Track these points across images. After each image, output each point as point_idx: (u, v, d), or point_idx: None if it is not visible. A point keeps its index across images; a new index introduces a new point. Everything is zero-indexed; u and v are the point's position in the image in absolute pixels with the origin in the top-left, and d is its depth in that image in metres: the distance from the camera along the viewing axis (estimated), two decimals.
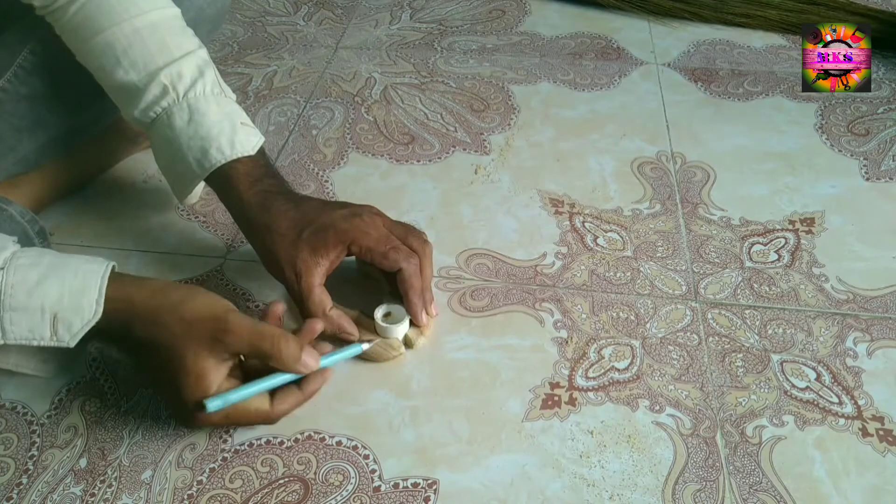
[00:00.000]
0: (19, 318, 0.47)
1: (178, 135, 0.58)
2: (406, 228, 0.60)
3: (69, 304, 0.47)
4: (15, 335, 0.47)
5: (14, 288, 0.46)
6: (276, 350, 0.49)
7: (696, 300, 0.65)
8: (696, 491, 0.51)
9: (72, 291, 0.47)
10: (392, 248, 0.57)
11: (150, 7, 0.59)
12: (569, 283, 0.66)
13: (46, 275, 0.47)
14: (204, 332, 0.48)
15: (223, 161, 0.57)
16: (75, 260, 0.49)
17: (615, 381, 0.58)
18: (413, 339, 0.60)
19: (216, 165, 0.57)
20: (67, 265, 0.48)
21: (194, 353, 0.48)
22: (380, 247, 0.57)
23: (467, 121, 0.87)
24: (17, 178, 0.68)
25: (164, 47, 0.58)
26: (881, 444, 0.54)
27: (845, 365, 0.59)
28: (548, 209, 0.74)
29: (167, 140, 0.59)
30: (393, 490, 0.51)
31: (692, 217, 0.73)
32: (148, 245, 0.70)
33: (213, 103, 0.59)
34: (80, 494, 0.51)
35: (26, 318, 0.47)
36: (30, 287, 0.47)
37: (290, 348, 0.49)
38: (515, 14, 1.09)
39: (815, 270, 0.67)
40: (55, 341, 0.47)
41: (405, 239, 0.58)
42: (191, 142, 0.58)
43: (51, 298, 0.47)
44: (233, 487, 0.51)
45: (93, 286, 0.48)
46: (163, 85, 0.58)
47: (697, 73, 0.95)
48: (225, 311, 0.49)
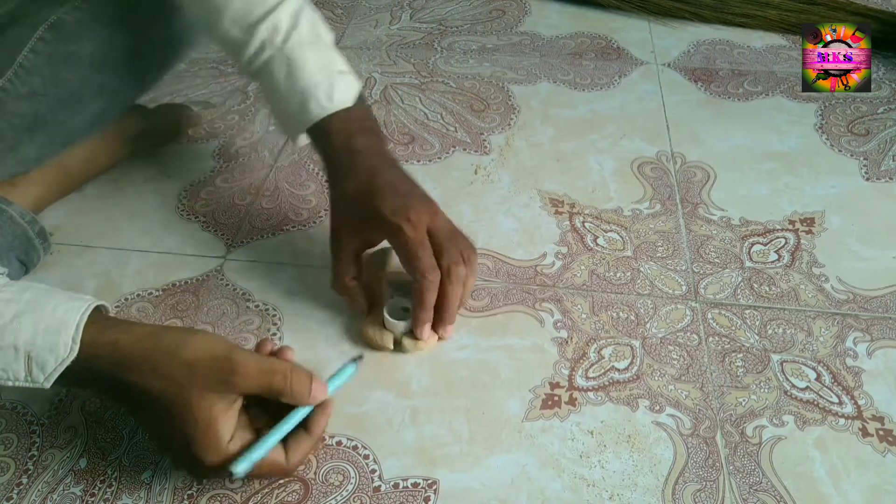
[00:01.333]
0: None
1: (278, 87, 0.59)
2: (453, 243, 0.58)
3: (43, 343, 0.44)
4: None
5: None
6: (287, 386, 0.47)
7: (696, 300, 0.65)
8: (696, 491, 0.51)
9: (47, 330, 0.44)
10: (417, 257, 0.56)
11: None
12: (569, 283, 0.66)
13: (23, 311, 0.45)
14: (209, 373, 0.45)
15: (321, 115, 0.59)
16: (58, 296, 0.47)
17: (615, 381, 0.58)
18: (408, 347, 0.59)
19: (314, 120, 0.59)
20: (47, 302, 0.46)
21: (201, 400, 0.44)
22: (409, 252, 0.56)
23: (467, 121, 0.87)
24: (16, 178, 0.68)
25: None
26: (881, 444, 0.54)
27: (845, 365, 0.59)
28: (548, 209, 0.74)
29: (271, 91, 0.60)
30: (393, 490, 0.51)
31: (692, 217, 0.73)
32: (148, 245, 0.70)
33: (311, 52, 0.59)
34: (80, 494, 0.51)
35: (0, 355, 0.44)
36: (3, 324, 0.44)
37: (302, 381, 0.47)
38: (515, 14, 1.09)
39: (815, 270, 0.67)
40: (29, 382, 0.45)
41: (441, 253, 0.57)
42: (290, 95, 0.59)
43: (24, 336, 0.44)
44: (233, 487, 0.51)
45: (70, 324, 0.45)
46: (261, 38, 0.58)
47: (697, 73, 0.95)
48: (228, 350, 0.46)
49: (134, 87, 0.72)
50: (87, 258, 0.69)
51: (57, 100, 0.63)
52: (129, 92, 0.71)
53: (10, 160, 0.64)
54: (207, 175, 0.79)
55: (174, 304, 0.64)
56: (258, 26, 0.58)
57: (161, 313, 0.63)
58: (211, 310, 0.64)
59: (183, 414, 0.44)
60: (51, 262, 0.68)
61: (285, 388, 0.47)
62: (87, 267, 0.68)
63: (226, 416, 0.45)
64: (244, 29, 0.59)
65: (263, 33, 0.58)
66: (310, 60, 0.59)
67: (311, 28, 0.60)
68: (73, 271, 0.67)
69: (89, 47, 0.63)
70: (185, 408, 0.44)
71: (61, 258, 0.69)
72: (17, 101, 0.61)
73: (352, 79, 0.61)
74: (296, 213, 0.74)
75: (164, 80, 0.79)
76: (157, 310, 0.64)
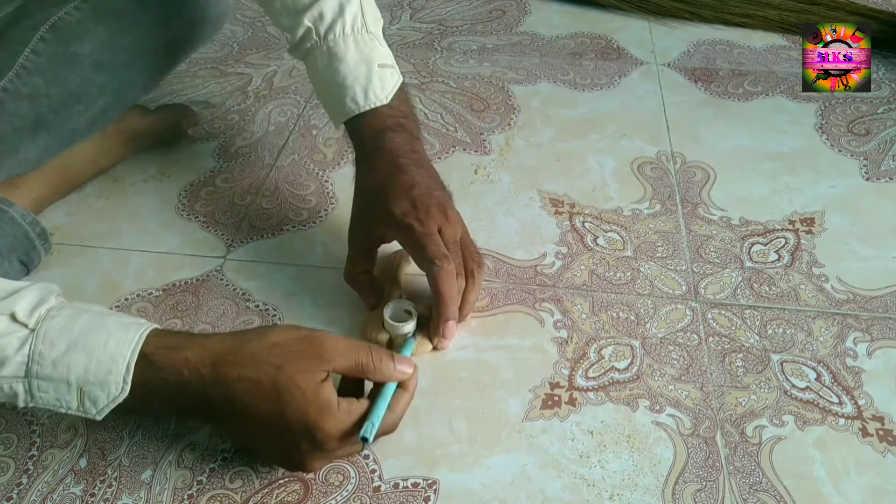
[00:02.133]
0: (46, 386, 0.44)
1: (319, 78, 0.61)
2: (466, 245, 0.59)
3: (95, 379, 0.44)
4: (44, 401, 0.45)
5: (41, 356, 0.44)
6: (376, 360, 0.48)
7: (696, 300, 0.65)
8: (696, 491, 0.51)
9: (98, 365, 0.44)
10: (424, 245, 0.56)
11: None
12: (569, 283, 0.66)
13: (76, 343, 0.44)
14: (301, 350, 0.46)
15: (356, 112, 0.60)
16: (111, 323, 0.46)
17: (615, 381, 0.58)
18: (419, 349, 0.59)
19: (349, 116, 0.60)
20: (100, 331, 0.45)
21: (301, 374, 0.45)
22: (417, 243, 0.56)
23: (467, 121, 0.87)
24: (17, 178, 0.68)
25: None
26: (881, 444, 0.54)
27: (845, 365, 0.59)
28: (548, 209, 0.74)
29: (315, 79, 0.62)
30: (393, 490, 0.51)
31: (692, 217, 0.73)
32: (148, 245, 0.70)
33: (352, 44, 0.60)
34: (80, 494, 0.51)
35: (52, 387, 0.44)
36: (56, 357, 0.44)
37: (384, 357, 0.48)
38: (515, 14, 1.09)
39: (815, 270, 0.67)
40: (82, 412, 0.45)
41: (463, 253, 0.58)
42: (329, 88, 0.60)
43: (77, 371, 0.44)
44: (233, 487, 0.51)
45: (120, 360, 0.44)
46: (306, 27, 0.59)
47: (697, 73, 0.95)
48: (311, 331, 0.47)
49: (135, 88, 0.72)
50: (87, 258, 0.69)
51: (58, 100, 0.63)
52: (130, 92, 0.71)
53: (11, 161, 0.64)
54: (207, 175, 0.79)
55: (174, 304, 0.64)
56: (303, 15, 0.59)
57: (161, 313, 0.63)
58: (211, 310, 0.64)
59: (291, 388, 0.44)
60: (51, 262, 0.68)
61: (374, 361, 0.48)
62: (87, 267, 0.68)
63: (328, 389, 0.46)
64: (291, 16, 0.60)
65: (308, 22, 0.59)
66: (350, 52, 0.60)
67: (357, 16, 0.60)
68: (73, 271, 0.67)
69: (90, 48, 0.63)
70: (290, 382, 0.44)
71: (61, 258, 0.69)
72: (19, 102, 0.62)
73: (392, 73, 0.62)
74: (296, 213, 0.74)
75: (165, 80, 0.79)
76: (157, 310, 0.64)
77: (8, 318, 0.44)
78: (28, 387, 0.44)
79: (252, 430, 0.48)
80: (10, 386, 0.44)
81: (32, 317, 0.44)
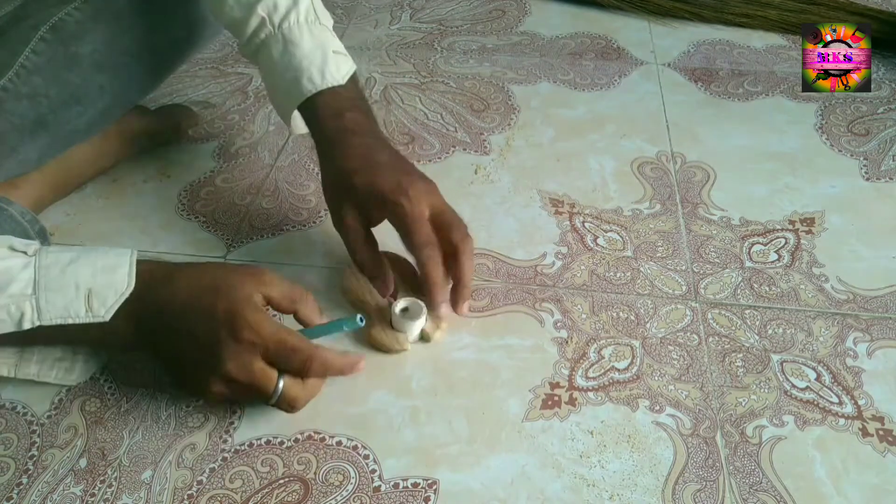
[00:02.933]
0: (54, 296, 0.48)
1: (274, 66, 0.60)
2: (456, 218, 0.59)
3: (102, 281, 0.49)
4: (50, 314, 0.48)
5: (48, 269, 0.49)
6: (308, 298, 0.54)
7: (696, 300, 0.65)
8: (696, 491, 0.51)
9: (104, 268, 0.50)
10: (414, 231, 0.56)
11: None
12: (569, 283, 0.66)
13: (78, 257, 0.50)
14: (243, 269, 0.52)
15: (312, 91, 0.59)
16: (101, 248, 0.52)
17: (615, 381, 0.58)
18: (430, 332, 0.60)
19: (306, 96, 0.59)
20: (96, 250, 0.51)
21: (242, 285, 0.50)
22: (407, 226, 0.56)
23: (467, 121, 0.87)
24: (17, 178, 0.68)
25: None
26: (881, 444, 0.54)
27: (845, 365, 0.59)
28: (548, 209, 0.74)
29: (267, 71, 0.61)
30: (393, 490, 0.51)
31: (692, 217, 0.73)
32: (148, 245, 0.70)
33: (307, 32, 0.60)
34: (80, 494, 0.51)
35: (60, 296, 0.48)
36: (63, 266, 0.49)
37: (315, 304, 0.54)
38: (515, 14, 1.09)
39: (815, 270, 0.67)
40: (90, 316, 0.49)
41: (448, 228, 0.58)
42: (285, 73, 0.60)
43: (84, 276, 0.49)
44: (233, 487, 0.51)
45: (123, 263, 0.50)
46: (260, 17, 0.60)
47: (697, 73, 0.95)
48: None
49: (135, 89, 0.72)
50: None
51: (58, 101, 0.63)
52: (130, 94, 0.71)
53: (11, 161, 0.64)
54: (207, 175, 0.79)
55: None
56: (256, 6, 0.59)
57: None
58: None
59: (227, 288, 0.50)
60: None
61: (304, 296, 0.53)
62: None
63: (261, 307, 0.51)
64: (244, 7, 0.60)
65: (261, 12, 0.59)
66: (305, 40, 0.60)
67: (309, 8, 0.61)
68: None
69: (90, 48, 0.63)
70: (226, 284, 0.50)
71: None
72: (18, 102, 0.62)
73: (346, 59, 0.62)
74: (296, 213, 0.74)
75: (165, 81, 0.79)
76: None
77: (7, 248, 0.50)
78: (36, 303, 0.48)
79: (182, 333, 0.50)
80: (16, 306, 0.48)
81: (30, 248, 0.50)
